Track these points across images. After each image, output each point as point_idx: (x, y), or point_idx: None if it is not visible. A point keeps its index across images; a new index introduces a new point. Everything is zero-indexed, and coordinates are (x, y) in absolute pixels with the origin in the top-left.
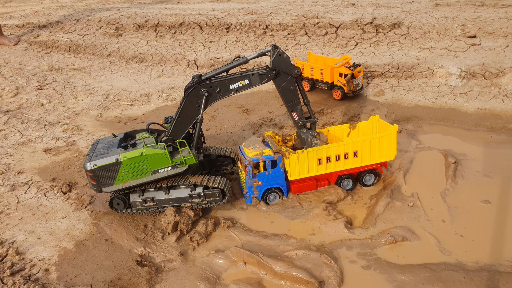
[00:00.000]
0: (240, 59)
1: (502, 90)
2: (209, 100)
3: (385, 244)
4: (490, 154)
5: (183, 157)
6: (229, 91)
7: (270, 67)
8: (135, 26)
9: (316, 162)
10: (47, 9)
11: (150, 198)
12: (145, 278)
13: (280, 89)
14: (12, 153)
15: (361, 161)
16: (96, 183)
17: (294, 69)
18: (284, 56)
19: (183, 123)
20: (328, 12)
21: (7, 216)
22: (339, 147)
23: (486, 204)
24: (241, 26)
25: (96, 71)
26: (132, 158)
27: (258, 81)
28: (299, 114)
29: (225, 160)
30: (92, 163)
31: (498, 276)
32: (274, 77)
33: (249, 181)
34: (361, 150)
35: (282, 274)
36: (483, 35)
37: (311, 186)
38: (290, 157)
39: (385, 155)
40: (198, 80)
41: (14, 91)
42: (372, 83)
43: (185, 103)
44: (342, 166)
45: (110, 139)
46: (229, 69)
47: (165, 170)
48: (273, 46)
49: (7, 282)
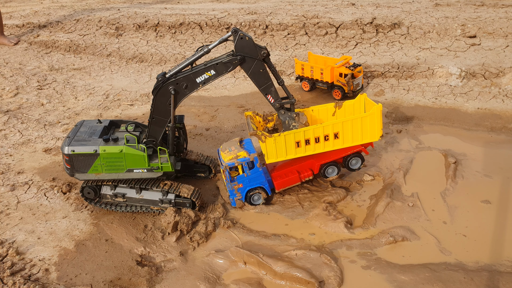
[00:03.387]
0: (202, 50)
1: (502, 90)
2: (178, 97)
3: (385, 244)
4: (490, 154)
5: (160, 163)
6: (196, 85)
7: (233, 53)
8: (135, 26)
9: (295, 145)
10: (47, 9)
11: (121, 194)
12: (145, 278)
13: (249, 74)
14: (12, 153)
15: (343, 143)
16: (70, 167)
17: (259, 50)
18: (246, 39)
19: (158, 123)
20: (328, 12)
21: (7, 216)
22: (318, 129)
23: (486, 204)
24: (241, 26)
25: (96, 71)
26: (110, 153)
27: (225, 70)
28: (274, 96)
29: (202, 168)
30: (70, 148)
31: (498, 276)
32: (240, 62)
33: (229, 185)
34: (342, 132)
35: (282, 274)
36: (483, 35)
37: (294, 179)
38: (266, 140)
39: (369, 136)
40: (163, 79)
41: (14, 91)
42: (372, 83)
43: (155, 104)
44: (323, 148)
45: (94, 123)
46: (193, 61)
47: (140, 171)
48: (234, 30)
49: (7, 282)
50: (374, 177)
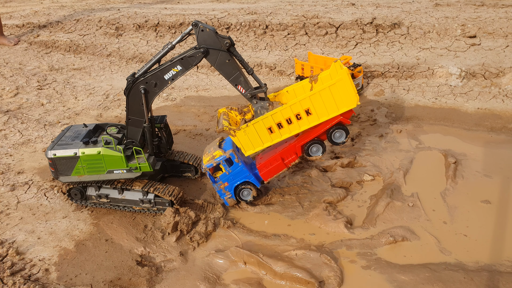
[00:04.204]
0: (167, 47)
1: (502, 90)
2: (149, 96)
3: (385, 244)
4: (490, 154)
5: (138, 164)
6: (165, 82)
7: (196, 46)
8: (135, 26)
9: (267, 131)
10: (47, 9)
11: (104, 194)
12: (145, 278)
13: (215, 66)
14: (12, 153)
15: (318, 118)
16: (54, 170)
17: (222, 41)
18: (207, 30)
19: (135, 124)
20: (328, 12)
21: (7, 216)
22: (286, 110)
23: (486, 204)
24: (241, 26)
25: (96, 71)
26: (89, 155)
27: (190, 64)
28: (245, 86)
29: (188, 167)
30: (52, 152)
31: (498, 276)
32: (204, 55)
33: (215, 186)
34: (313, 106)
35: (282, 274)
36: (483, 35)
37: (279, 166)
38: (236, 134)
39: (344, 104)
40: (132, 79)
41: (14, 91)
42: (372, 83)
43: (129, 105)
44: (298, 128)
45: (80, 128)
46: (160, 59)
47: (120, 172)
48: (194, 23)
49: (7, 282)
50: (374, 177)
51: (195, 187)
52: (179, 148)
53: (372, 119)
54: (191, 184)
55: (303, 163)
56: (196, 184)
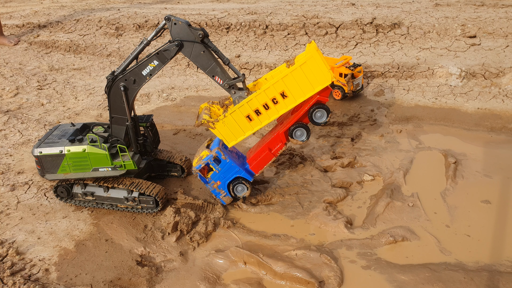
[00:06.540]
0: (142, 43)
1: (502, 90)
2: (129, 94)
3: (385, 244)
4: (490, 154)
5: (123, 162)
6: (143, 78)
7: (171, 40)
8: (135, 26)
9: (246, 120)
10: (47, 9)
11: (90, 192)
12: (145, 278)
13: (191, 58)
14: (12, 153)
15: (295, 100)
16: (40, 168)
17: (195, 32)
18: (180, 23)
19: (118, 122)
20: (328, 12)
21: (7, 216)
22: (261, 95)
23: (486, 204)
24: (241, 26)
25: (96, 71)
26: (74, 153)
27: (166, 58)
28: (222, 77)
29: (175, 167)
30: (38, 150)
31: (498, 276)
32: (179, 48)
33: (208, 187)
34: (288, 89)
35: (282, 274)
36: (483, 35)
37: (267, 157)
38: (216, 126)
39: (319, 82)
40: (112, 77)
41: (14, 91)
42: (372, 83)
43: (110, 104)
44: (277, 112)
45: (68, 127)
46: (137, 55)
47: (105, 170)
48: (166, 17)
49: (7, 282)
50: (374, 177)
51: (196, 186)
52: (179, 148)
53: (372, 119)
54: (191, 184)
55: (303, 163)
56: (196, 183)
